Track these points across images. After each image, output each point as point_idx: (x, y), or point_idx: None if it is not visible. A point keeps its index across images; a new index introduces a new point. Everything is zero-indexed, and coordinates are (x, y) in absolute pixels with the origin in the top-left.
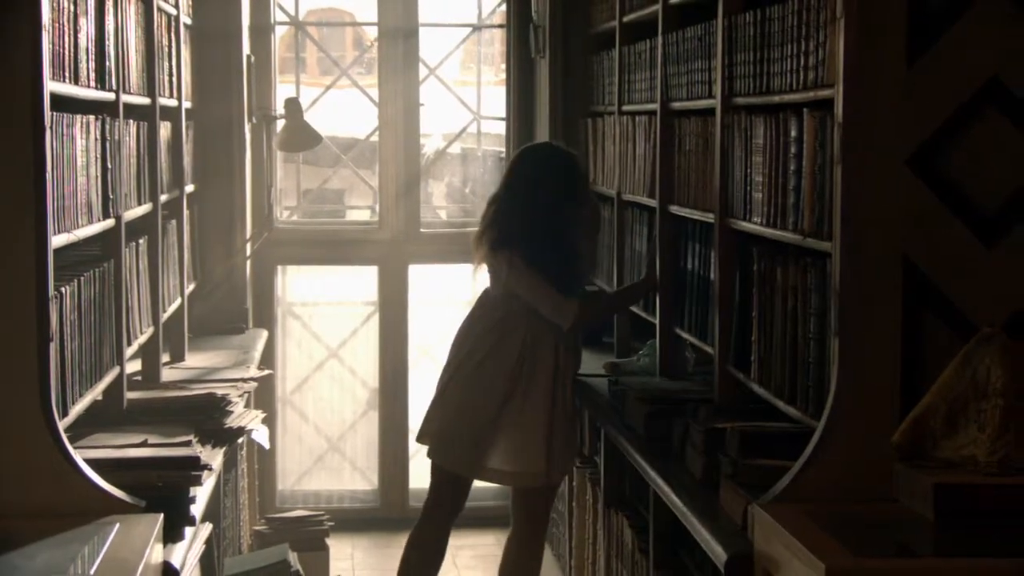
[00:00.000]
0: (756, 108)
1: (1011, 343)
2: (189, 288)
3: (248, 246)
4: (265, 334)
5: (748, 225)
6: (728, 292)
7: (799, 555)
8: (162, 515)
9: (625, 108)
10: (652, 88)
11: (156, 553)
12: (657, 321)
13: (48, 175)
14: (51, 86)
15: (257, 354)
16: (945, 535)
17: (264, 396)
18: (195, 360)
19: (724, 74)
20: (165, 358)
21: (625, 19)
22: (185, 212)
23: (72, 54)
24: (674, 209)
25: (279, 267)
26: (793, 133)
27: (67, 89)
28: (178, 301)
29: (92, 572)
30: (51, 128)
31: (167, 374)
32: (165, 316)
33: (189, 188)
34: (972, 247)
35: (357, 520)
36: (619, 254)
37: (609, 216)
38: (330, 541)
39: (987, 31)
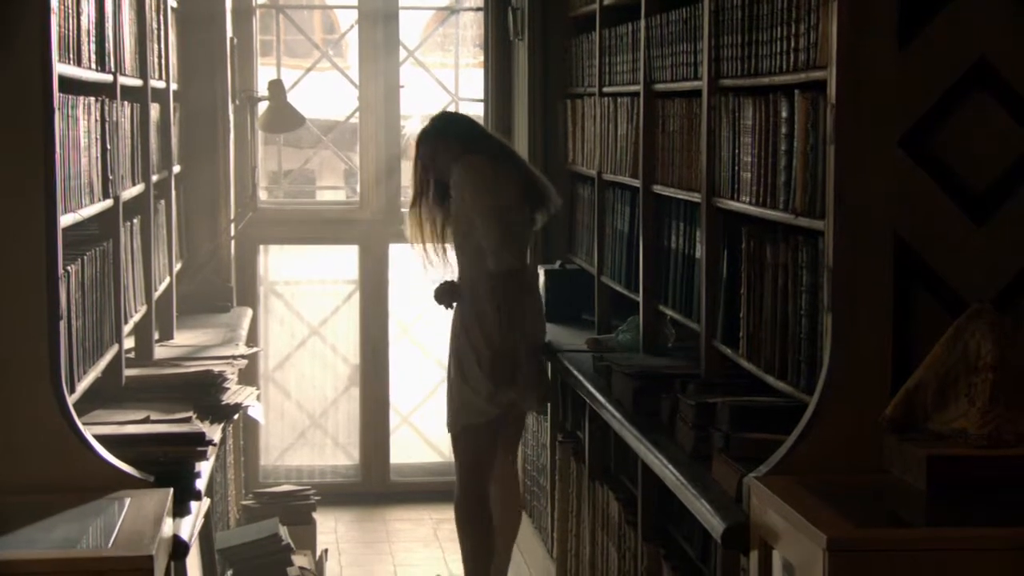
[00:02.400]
0: (744, 90)
1: (1000, 318)
2: (176, 267)
3: (232, 226)
4: (250, 312)
5: (736, 204)
6: (715, 270)
7: (799, 526)
8: (171, 490)
9: (606, 90)
10: (635, 70)
11: (167, 527)
12: (640, 299)
13: (56, 156)
14: (58, 68)
15: (244, 332)
16: (939, 506)
17: (247, 373)
18: (183, 338)
19: (711, 56)
20: (155, 336)
21: (605, 2)
22: (173, 192)
23: (75, 36)
24: (657, 189)
25: (261, 246)
26: (784, 114)
27: (71, 71)
28: (167, 280)
29: (110, 545)
30: (58, 109)
31: (158, 352)
32: (156, 295)
33: (176, 169)
34: (962, 224)
35: (339, 495)
36: (600, 233)
37: (589, 196)
38: (315, 515)
39: (976, 14)
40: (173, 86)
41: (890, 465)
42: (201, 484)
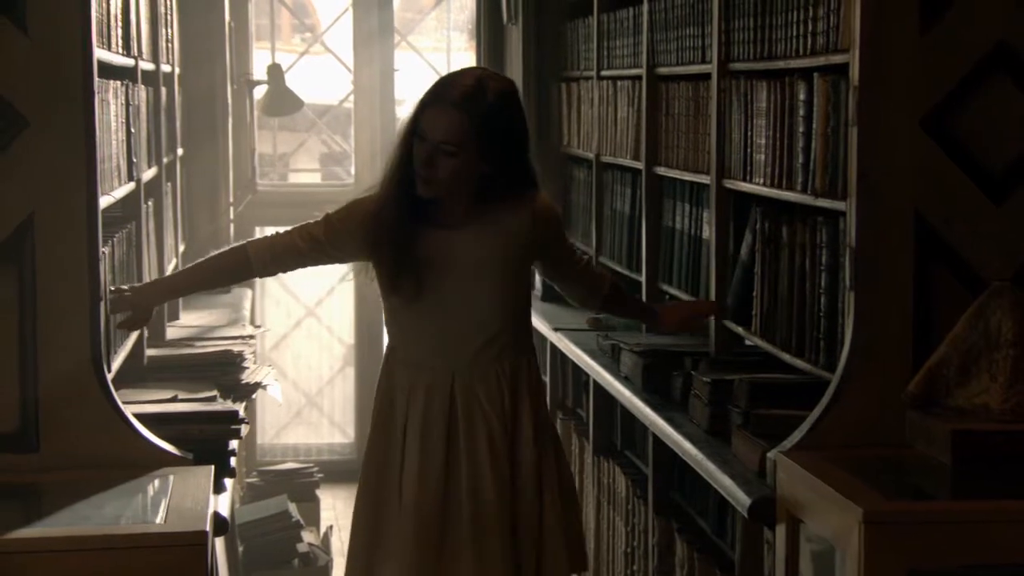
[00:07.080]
0: (756, 73)
1: (1021, 295)
2: (181, 249)
3: (231, 208)
4: (250, 293)
5: (748, 186)
6: (725, 250)
7: (832, 499)
8: (213, 467)
9: (604, 73)
10: (636, 54)
11: (211, 504)
12: (643, 278)
13: (96, 139)
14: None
15: (247, 312)
16: (964, 479)
17: None
18: (189, 319)
19: (721, 40)
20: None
21: None
22: (178, 175)
23: (105, 20)
24: (660, 170)
25: (258, 228)
26: (802, 97)
27: (103, 55)
28: (174, 261)
29: (160, 520)
30: (97, 93)
31: (170, 332)
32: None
33: (180, 152)
34: (981, 204)
35: (336, 472)
36: (598, 214)
37: (586, 178)
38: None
39: (994, 0)
40: (177, 70)
41: (913, 440)
42: (234, 461)
